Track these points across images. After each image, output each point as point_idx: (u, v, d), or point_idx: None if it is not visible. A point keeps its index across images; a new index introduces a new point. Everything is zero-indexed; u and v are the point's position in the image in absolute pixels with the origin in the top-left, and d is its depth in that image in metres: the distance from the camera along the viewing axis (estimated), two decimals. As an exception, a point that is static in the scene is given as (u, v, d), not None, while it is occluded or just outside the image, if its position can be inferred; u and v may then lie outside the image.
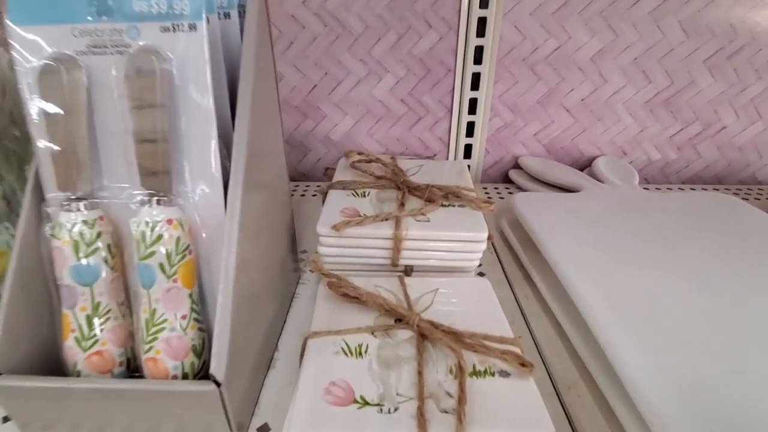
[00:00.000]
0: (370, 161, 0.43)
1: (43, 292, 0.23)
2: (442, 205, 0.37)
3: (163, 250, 0.21)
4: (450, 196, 0.37)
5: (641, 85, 0.57)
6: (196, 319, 0.23)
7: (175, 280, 0.22)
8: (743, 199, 0.55)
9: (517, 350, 0.26)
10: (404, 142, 0.60)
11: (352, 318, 0.29)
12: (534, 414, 0.22)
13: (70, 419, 0.24)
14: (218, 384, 0.21)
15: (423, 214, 0.35)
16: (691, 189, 0.61)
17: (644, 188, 0.51)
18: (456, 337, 0.26)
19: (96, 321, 0.23)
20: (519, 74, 0.56)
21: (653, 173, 0.63)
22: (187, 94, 0.22)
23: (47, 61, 0.22)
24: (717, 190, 0.61)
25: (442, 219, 0.35)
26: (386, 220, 0.34)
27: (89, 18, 0.22)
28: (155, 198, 0.22)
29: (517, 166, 0.62)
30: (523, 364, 0.24)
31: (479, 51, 0.54)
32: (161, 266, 0.22)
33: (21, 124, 0.34)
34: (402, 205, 0.36)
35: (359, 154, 0.43)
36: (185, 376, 0.23)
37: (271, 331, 0.31)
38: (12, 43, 0.22)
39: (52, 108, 0.22)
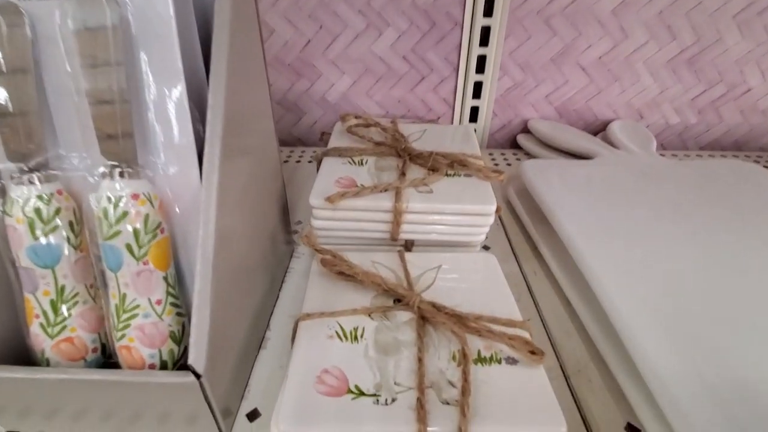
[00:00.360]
0: (368, 126, 0.39)
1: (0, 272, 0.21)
2: (447, 175, 0.34)
3: (129, 229, 0.19)
4: (455, 164, 0.34)
5: (665, 42, 0.52)
6: (173, 304, 0.21)
7: (145, 263, 0.20)
8: (765, 167, 0.52)
9: (526, 335, 0.24)
10: (406, 104, 0.56)
11: (347, 298, 0.27)
12: (544, 407, 0.20)
13: (44, 407, 0.22)
14: (198, 375, 0.19)
15: (426, 185, 0.32)
16: (710, 156, 0.58)
17: (660, 155, 0.48)
18: (460, 320, 0.24)
19: (62, 306, 0.21)
20: (532, 28, 0.51)
21: (671, 138, 0.59)
22: (149, 46, 0.19)
23: (-19, 6, 0.18)
24: (737, 156, 0.57)
25: (446, 190, 0.32)
26: (385, 191, 0.31)
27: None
28: (118, 170, 0.19)
29: (525, 130, 0.58)
30: (533, 352, 0.22)
31: (489, 1, 0.48)
32: (129, 247, 0.19)
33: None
34: (403, 174, 0.33)
35: (356, 117, 0.39)
36: (164, 365, 0.21)
37: (261, 309, 0.29)
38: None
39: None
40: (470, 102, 0.56)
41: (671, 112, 0.57)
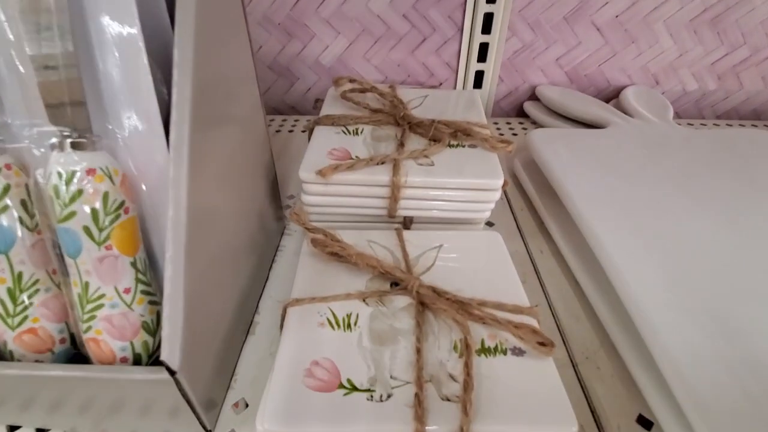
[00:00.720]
0: (364, 91, 0.36)
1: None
2: (450, 146, 0.31)
3: (86, 210, 0.16)
4: (459, 134, 0.31)
5: (688, -1, 0.48)
6: (144, 292, 0.19)
7: (108, 247, 0.17)
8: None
9: (534, 323, 0.22)
10: (406, 68, 0.53)
11: (340, 281, 0.25)
12: (554, 404, 0.19)
13: (14, 399, 0.20)
14: (172, 372, 0.17)
15: (426, 157, 0.29)
16: (728, 125, 0.54)
17: (676, 123, 0.45)
18: (462, 307, 0.22)
19: (21, 295, 0.18)
20: (545, -17, 0.47)
21: (686, 106, 0.56)
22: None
23: None
24: (755, 126, 0.54)
25: (448, 162, 0.29)
26: (382, 163, 0.28)
27: None
28: (69, 140, 0.16)
29: (533, 97, 0.55)
30: (541, 343, 0.20)
31: (499, -48, 0.44)
32: (87, 230, 0.17)
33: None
34: (401, 145, 0.30)
35: (351, 81, 0.36)
36: (137, 358, 0.19)
37: (248, 292, 0.27)
38: None
39: None
40: (475, 66, 0.52)
41: (689, 78, 0.53)
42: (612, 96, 0.54)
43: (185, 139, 0.18)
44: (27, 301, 0.19)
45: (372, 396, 0.19)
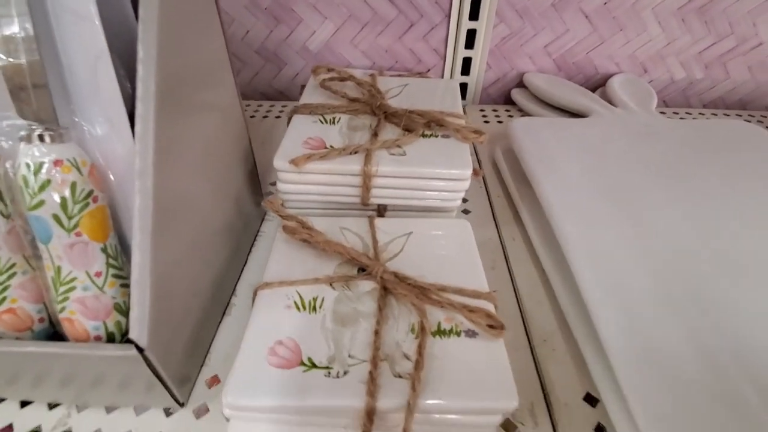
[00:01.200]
0: (343, 79, 0.36)
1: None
2: (423, 135, 0.32)
3: (55, 198, 0.17)
4: (432, 124, 0.32)
5: (677, -14, 0.48)
6: (116, 275, 0.20)
7: (78, 234, 0.18)
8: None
9: (490, 307, 0.23)
10: (394, 54, 0.53)
11: (310, 266, 0.26)
12: (498, 381, 0.20)
13: (2, 374, 0.22)
14: (141, 349, 0.19)
15: (399, 147, 0.30)
16: (713, 114, 0.55)
17: (661, 112, 0.45)
18: (422, 291, 0.23)
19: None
20: (531, -31, 0.46)
21: (674, 95, 0.56)
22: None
23: None
24: (740, 116, 0.55)
25: (420, 152, 0.30)
26: (355, 153, 0.29)
27: None
28: (37, 133, 0.17)
29: (521, 84, 0.55)
30: (491, 326, 0.21)
31: (484, -63, 0.44)
32: (56, 218, 0.18)
33: None
34: (375, 135, 0.31)
35: (329, 70, 0.36)
36: (111, 336, 0.20)
37: (225, 275, 0.28)
38: None
39: None
40: (462, 52, 0.52)
41: (677, 66, 0.53)
42: (600, 84, 0.54)
43: (150, 131, 0.19)
44: (4, 284, 0.20)
45: (329, 372, 0.20)
